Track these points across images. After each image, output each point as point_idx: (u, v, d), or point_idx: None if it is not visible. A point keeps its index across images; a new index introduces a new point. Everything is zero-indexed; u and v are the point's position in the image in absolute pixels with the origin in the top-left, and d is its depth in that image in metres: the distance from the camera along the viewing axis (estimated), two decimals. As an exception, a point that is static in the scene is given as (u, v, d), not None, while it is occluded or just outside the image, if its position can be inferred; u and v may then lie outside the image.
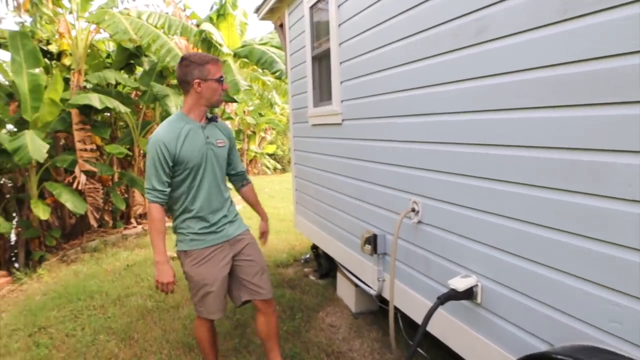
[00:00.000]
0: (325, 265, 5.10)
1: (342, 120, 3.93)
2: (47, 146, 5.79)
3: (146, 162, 2.41)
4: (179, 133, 2.37)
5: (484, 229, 2.31)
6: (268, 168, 17.86)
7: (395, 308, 3.08)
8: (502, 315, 2.24)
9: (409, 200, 2.94)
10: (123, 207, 7.51)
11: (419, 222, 2.86)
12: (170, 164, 2.36)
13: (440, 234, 2.67)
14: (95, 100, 6.42)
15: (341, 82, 3.90)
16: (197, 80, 2.35)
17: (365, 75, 3.49)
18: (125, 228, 7.98)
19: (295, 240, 6.63)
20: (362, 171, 3.61)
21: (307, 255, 5.66)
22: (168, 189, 2.41)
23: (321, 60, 4.51)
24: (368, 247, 3.31)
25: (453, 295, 2.36)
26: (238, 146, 13.44)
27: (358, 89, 3.62)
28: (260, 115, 16.26)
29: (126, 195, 8.33)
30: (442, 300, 2.35)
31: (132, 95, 8.42)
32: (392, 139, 3.15)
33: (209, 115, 2.54)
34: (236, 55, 7.97)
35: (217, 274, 2.54)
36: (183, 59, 2.42)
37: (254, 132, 17.11)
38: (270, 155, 18.27)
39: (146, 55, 8.48)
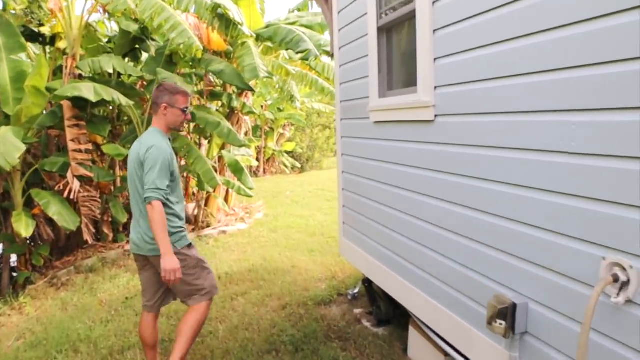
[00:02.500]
0: (385, 309, 3.83)
1: (435, 115, 2.65)
2: (24, 147, 4.57)
3: (150, 164, 2.61)
4: (168, 145, 2.76)
5: None
6: (286, 167, 16.61)
7: None
8: None
9: (598, 260, 1.66)
10: (124, 219, 6.29)
11: (628, 301, 1.58)
12: (170, 170, 2.69)
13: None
14: (88, 91, 5.19)
15: (435, 60, 2.62)
16: (164, 105, 2.73)
17: (484, 47, 2.21)
18: (128, 242, 6.77)
19: (335, 264, 5.38)
20: (480, 197, 2.32)
21: (356, 290, 4.39)
22: (168, 190, 2.68)
23: (392, 32, 3.23)
24: (500, 325, 2.03)
25: None
26: (256, 143, 12.21)
27: (468, 69, 2.34)
28: (279, 110, 14.98)
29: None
30: None
31: (137, 86, 7.20)
32: (552, 149, 1.86)
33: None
34: (259, 38, 6.70)
35: None
36: (159, 85, 2.82)
37: (272, 129, 15.83)
38: (288, 153, 17.01)
39: (153, 40, 7.26)
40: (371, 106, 3.40)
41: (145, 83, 7.07)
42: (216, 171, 7.56)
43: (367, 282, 4.20)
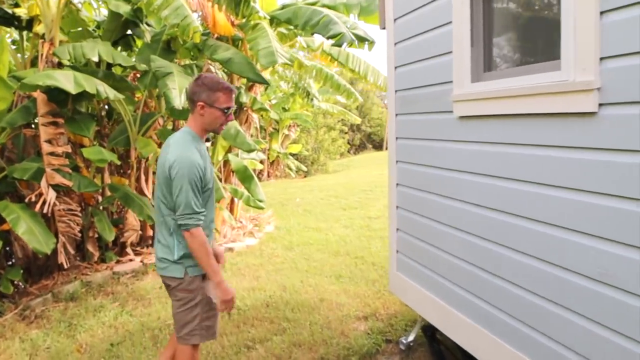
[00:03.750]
0: (462, 374, 2.82)
1: (600, 104, 1.64)
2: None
3: (179, 185, 2.21)
4: (200, 155, 2.30)
5: None
6: (291, 170, 15.57)
7: None
8: None
9: None
10: (110, 237, 5.26)
11: None
12: (200, 186, 2.27)
13: None
14: (67, 80, 4.17)
15: (602, 14, 1.61)
16: (201, 103, 2.30)
17: None
18: (118, 261, 5.73)
19: (373, 296, 4.35)
20: None
21: (411, 338, 3.35)
22: (204, 210, 2.30)
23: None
24: None
25: None
26: (263, 145, 11.16)
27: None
28: (284, 109, 13.95)
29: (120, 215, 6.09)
30: None
31: (129, 78, 6.18)
32: None
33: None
34: (274, 21, 5.68)
35: None
36: (199, 77, 2.36)
37: (277, 130, 14.77)
38: (292, 155, 15.96)
39: (148, 24, 6.24)
40: (457, 95, 2.38)
41: (138, 74, 6.06)
42: (220, 179, 6.55)
43: (430, 331, 3.19)
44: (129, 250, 5.87)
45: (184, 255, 2.33)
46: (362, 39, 5.17)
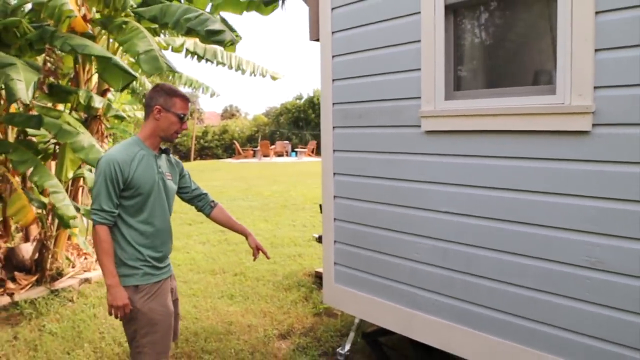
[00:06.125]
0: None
1: (593, 125, 1.98)
2: None
3: (95, 179, 2.24)
4: (133, 157, 2.28)
5: None
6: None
7: None
8: None
9: None
10: None
11: None
12: (122, 186, 2.24)
13: None
14: None
15: (597, 51, 1.96)
16: (157, 107, 2.33)
17: None
18: None
19: (279, 311, 4.23)
20: None
21: (347, 348, 3.38)
22: (116, 211, 2.25)
23: (466, 13, 2.45)
24: None
25: None
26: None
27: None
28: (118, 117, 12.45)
29: None
30: None
31: None
32: None
33: (162, 147, 2.47)
34: (138, 18, 5.06)
35: (170, 307, 2.36)
36: (156, 85, 2.46)
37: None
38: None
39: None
40: (426, 111, 2.54)
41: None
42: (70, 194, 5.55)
43: (372, 337, 3.30)
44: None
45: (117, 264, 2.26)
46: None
